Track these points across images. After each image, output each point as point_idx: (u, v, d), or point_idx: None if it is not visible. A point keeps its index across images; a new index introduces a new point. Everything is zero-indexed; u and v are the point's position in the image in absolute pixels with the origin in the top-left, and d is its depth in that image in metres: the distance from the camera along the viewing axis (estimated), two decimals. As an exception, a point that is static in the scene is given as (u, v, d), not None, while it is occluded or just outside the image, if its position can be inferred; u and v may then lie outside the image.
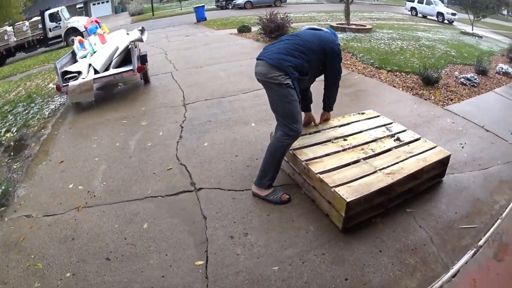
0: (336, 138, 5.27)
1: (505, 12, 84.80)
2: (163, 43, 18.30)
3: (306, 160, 4.66)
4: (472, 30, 25.69)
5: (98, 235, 4.28)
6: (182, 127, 7.06)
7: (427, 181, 4.91)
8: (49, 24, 27.23)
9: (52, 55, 22.15)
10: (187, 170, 5.50)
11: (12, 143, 7.55)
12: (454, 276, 3.70)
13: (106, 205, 4.83)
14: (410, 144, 5.18)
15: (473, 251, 3.98)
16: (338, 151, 4.91)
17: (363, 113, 6.19)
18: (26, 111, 9.51)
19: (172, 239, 4.16)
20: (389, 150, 5.00)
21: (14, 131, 8.20)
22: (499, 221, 4.46)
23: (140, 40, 10.34)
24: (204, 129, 6.84)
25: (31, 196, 5.26)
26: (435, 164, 4.85)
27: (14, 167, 6.31)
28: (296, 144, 5.00)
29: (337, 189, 4.08)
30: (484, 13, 26.85)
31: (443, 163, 5.03)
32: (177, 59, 13.41)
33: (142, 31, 11.02)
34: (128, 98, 9.30)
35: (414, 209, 4.55)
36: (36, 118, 8.79)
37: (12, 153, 6.96)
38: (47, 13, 27.46)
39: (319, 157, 4.75)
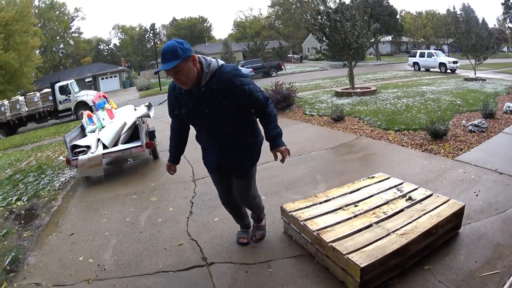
0: (347, 205, 5.33)
1: (505, 48, 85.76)
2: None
3: (318, 230, 4.68)
4: (475, 74, 25.82)
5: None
6: (192, 202, 7.02)
7: (443, 236, 4.89)
8: (59, 97, 28.25)
9: (62, 128, 22.73)
10: (198, 245, 5.42)
11: (22, 211, 7.68)
12: (482, 326, 3.62)
13: (117, 279, 4.77)
14: (422, 202, 5.22)
15: None
16: (350, 218, 4.95)
17: (373, 177, 6.27)
18: (37, 182, 9.69)
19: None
20: (402, 210, 5.04)
21: (24, 200, 8.35)
22: None
23: (148, 115, 10.54)
24: (214, 204, 6.67)
25: (41, 265, 5.28)
26: (450, 218, 4.85)
27: (24, 235, 6.38)
28: (307, 214, 5.10)
29: (350, 256, 4.09)
30: (485, 55, 26.94)
31: (458, 214, 5.02)
32: None
33: (149, 107, 11.23)
34: (138, 174, 9.42)
35: (432, 265, 4.50)
36: (47, 189, 8.94)
37: (22, 222, 7.07)
38: (57, 85, 28.54)
39: (331, 225, 4.78)
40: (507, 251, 4.63)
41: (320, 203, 5.48)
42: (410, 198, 5.36)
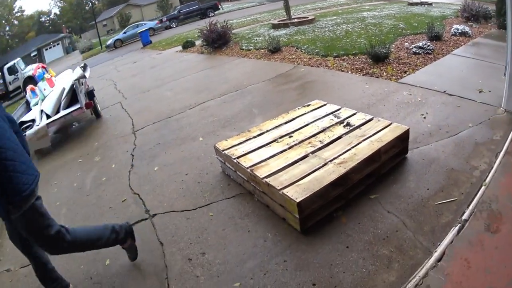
0: (281, 136, 5.02)
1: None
2: (112, 74, 18.19)
3: (251, 166, 4.38)
4: (420, -1, 25.36)
5: (67, 278, 4.05)
6: (132, 155, 6.96)
7: (388, 162, 4.60)
8: (8, 78, 27.52)
9: (14, 108, 22.04)
10: (141, 198, 5.36)
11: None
12: (440, 259, 3.31)
13: (70, 250, 4.65)
14: (361, 127, 4.88)
15: (457, 227, 3.60)
16: (284, 150, 4.63)
17: (308, 105, 5.95)
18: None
19: (133, 272, 4.02)
20: (339, 138, 4.71)
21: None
22: (483, 188, 4.08)
23: (83, 76, 10.39)
24: (154, 153, 6.76)
25: (8, 250, 5.10)
26: (393, 142, 4.53)
27: (-8, 222, 6.21)
28: (240, 151, 4.79)
29: (285, 191, 3.78)
30: (432, -19, 26.30)
31: (402, 139, 4.69)
32: (125, 88, 13.36)
33: (84, 67, 11.00)
34: (83, 136, 9.25)
35: (379, 194, 4.23)
36: (5, 172, 8.57)
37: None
38: (5, 67, 27.73)
39: (264, 160, 4.48)
40: (463, 177, 4.34)
41: (254, 137, 5.16)
42: (348, 124, 5.02)
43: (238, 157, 4.65)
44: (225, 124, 7.11)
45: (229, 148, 4.96)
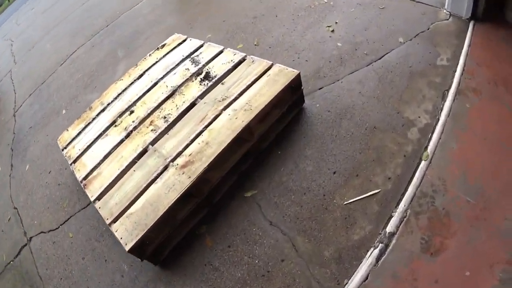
0: (122, 113, 3.65)
1: None
2: (13, 30, 15.39)
3: (84, 178, 3.24)
4: None
5: None
6: (12, 150, 5.83)
7: (271, 130, 3.31)
8: None
9: None
10: (19, 215, 4.53)
11: None
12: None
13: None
14: (225, 80, 3.43)
15: (377, 249, 2.43)
16: (121, 141, 3.35)
17: (163, 46, 4.36)
18: None
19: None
20: (192, 106, 3.32)
21: None
22: (423, 164, 2.78)
23: None
24: (26, 143, 5.66)
25: None
26: (275, 100, 3.10)
27: None
28: (77, 149, 3.63)
29: (114, 228, 2.74)
30: None
31: (292, 88, 3.26)
32: (18, 48, 11.45)
33: None
34: None
35: (257, 188, 3.07)
36: None
37: None
38: None
39: (98, 165, 3.27)
40: (392, 144, 2.96)
41: (94, 119, 3.83)
42: (207, 77, 3.55)
43: (74, 161, 3.49)
44: (88, 82, 5.96)
45: (68, 144, 3.75)
